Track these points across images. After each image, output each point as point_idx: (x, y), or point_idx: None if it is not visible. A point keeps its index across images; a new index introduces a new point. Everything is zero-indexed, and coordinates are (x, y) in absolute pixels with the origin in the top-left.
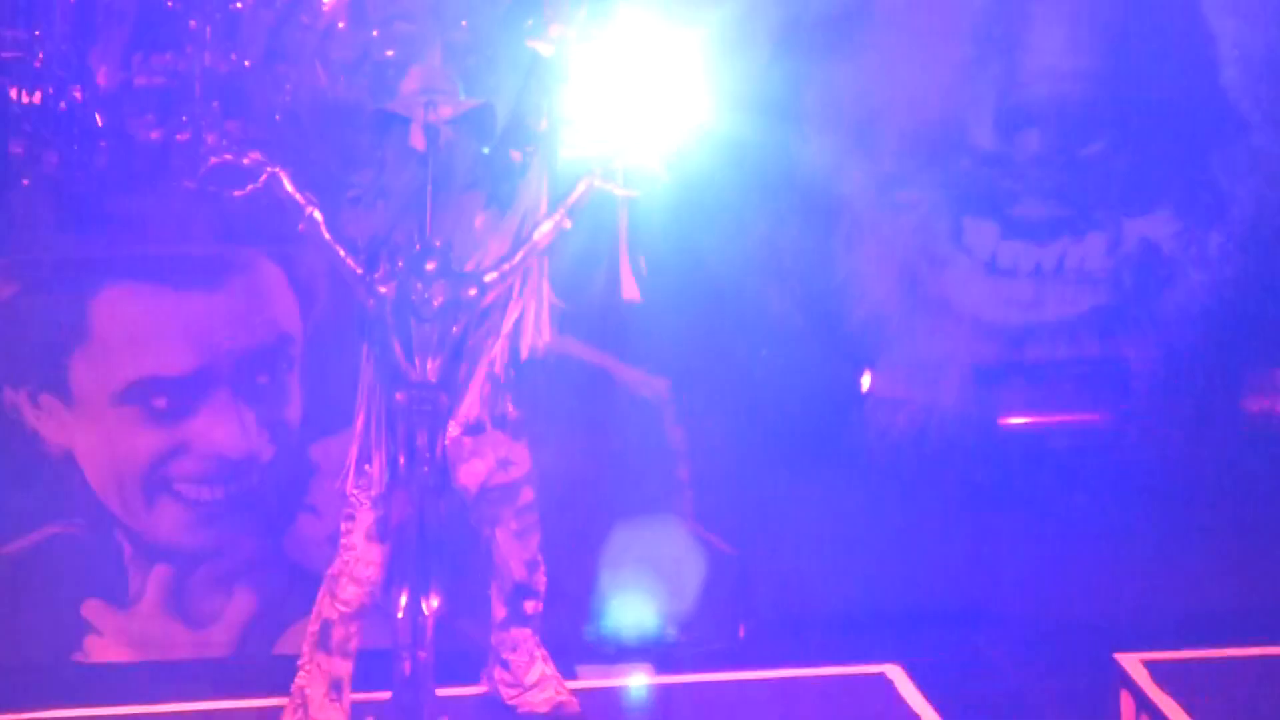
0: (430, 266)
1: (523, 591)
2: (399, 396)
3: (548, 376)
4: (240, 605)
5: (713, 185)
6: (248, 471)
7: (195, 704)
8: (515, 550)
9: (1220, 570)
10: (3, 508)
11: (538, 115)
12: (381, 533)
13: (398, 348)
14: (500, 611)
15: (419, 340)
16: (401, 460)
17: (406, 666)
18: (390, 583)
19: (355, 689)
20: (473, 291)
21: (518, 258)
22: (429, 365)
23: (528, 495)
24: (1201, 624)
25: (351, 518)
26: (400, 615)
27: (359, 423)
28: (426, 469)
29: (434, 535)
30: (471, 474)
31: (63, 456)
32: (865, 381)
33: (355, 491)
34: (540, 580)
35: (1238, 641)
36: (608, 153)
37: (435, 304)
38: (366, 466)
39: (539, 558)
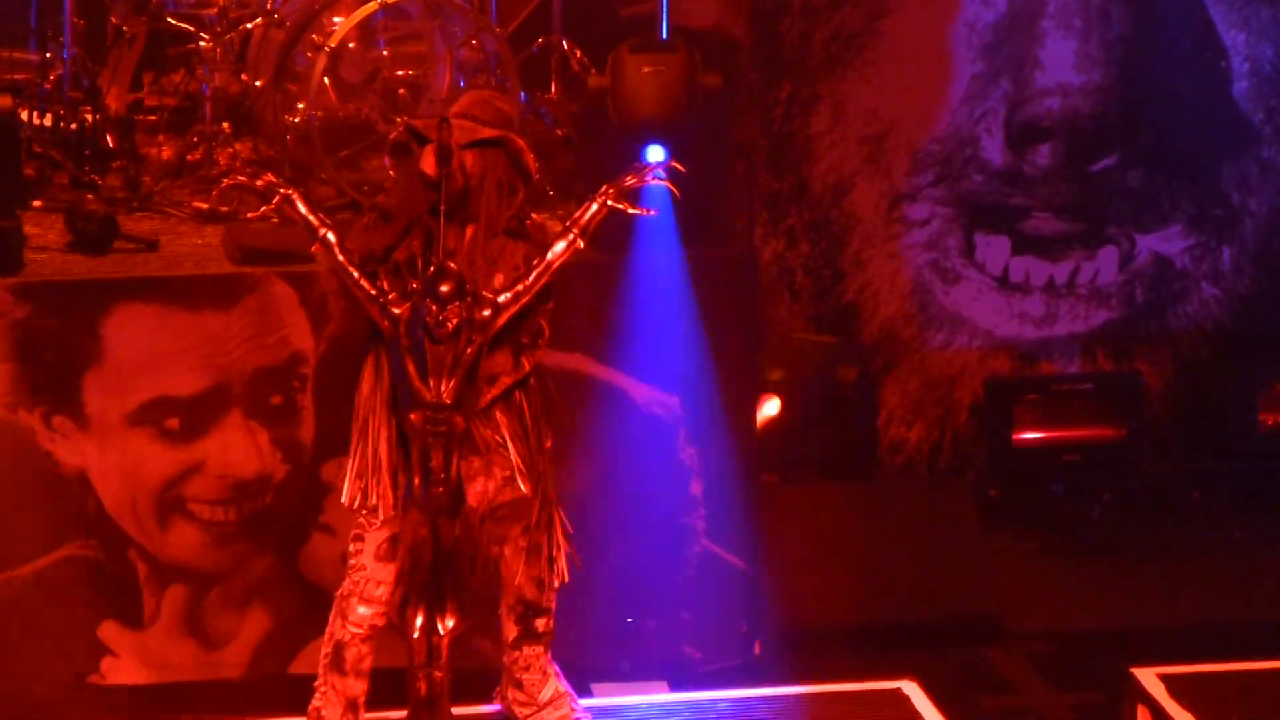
0: (445, 288)
1: (534, 610)
2: (414, 418)
3: (559, 394)
4: (255, 625)
5: (723, 202)
6: (261, 491)
7: None
8: (524, 568)
9: (1236, 583)
10: (17, 529)
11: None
12: (391, 552)
13: (412, 369)
14: (512, 631)
15: (433, 361)
16: (416, 481)
17: (423, 686)
18: (405, 603)
19: (371, 708)
20: (487, 313)
21: (532, 278)
22: (444, 386)
23: (536, 512)
24: (1218, 637)
25: (360, 538)
26: (415, 636)
27: (358, 443)
28: (441, 490)
29: (448, 555)
30: (479, 492)
31: (77, 478)
32: (769, 408)
33: (362, 512)
34: (551, 598)
35: (1254, 655)
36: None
37: (450, 325)
38: (373, 485)
39: (549, 575)
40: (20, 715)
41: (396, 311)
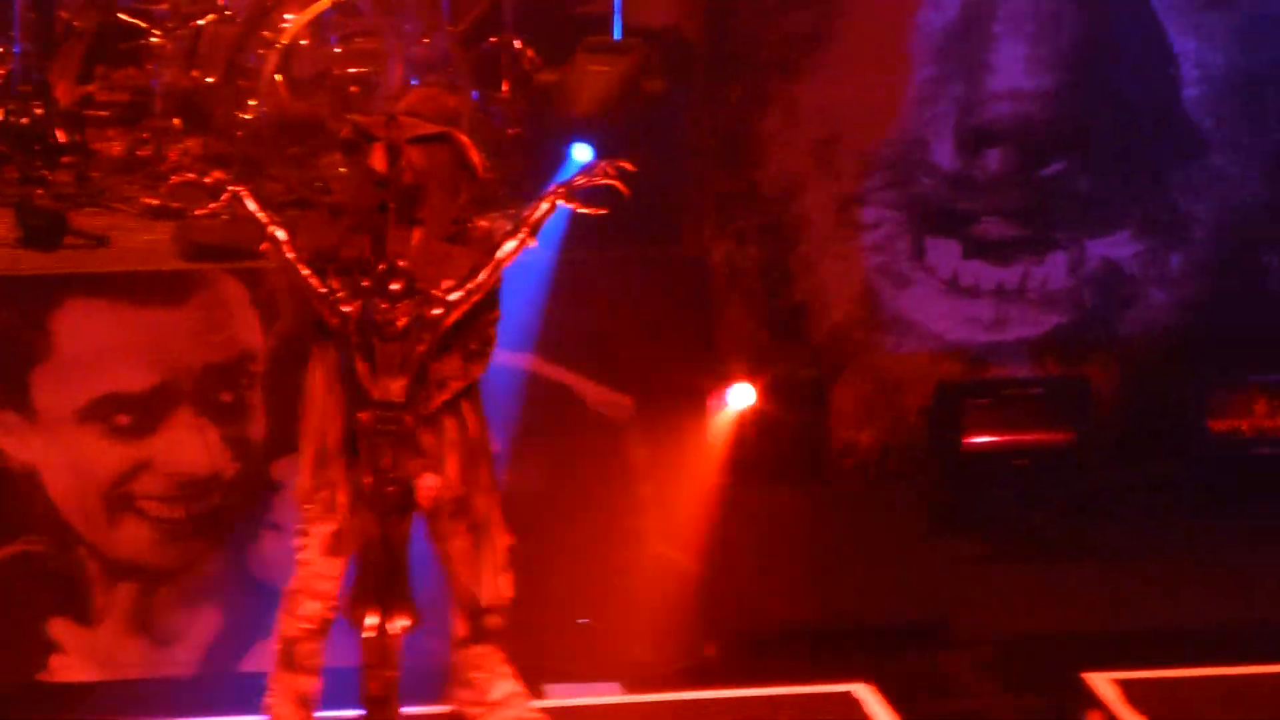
0: (395, 286)
1: (483, 609)
2: (363, 417)
3: (511, 394)
4: (205, 623)
5: (672, 204)
6: (211, 489)
7: None
8: (472, 567)
9: (1186, 588)
10: None
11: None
12: (337, 546)
13: (362, 367)
14: (462, 629)
15: (383, 360)
16: (366, 481)
17: (375, 687)
18: (357, 603)
19: (323, 707)
20: (437, 311)
21: (482, 276)
22: (393, 385)
23: (481, 515)
24: (1169, 642)
25: (305, 533)
26: (368, 636)
27: (307, 440)
28: (391, 489)
29: (399, 554)
30: (425, 490)
31: (25, 474)
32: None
33: (307, 506)
34: (501, 596)
35: (1206, 660)
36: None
37: (400, 324)
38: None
39: (496, 577)
40: None
41: (346, 309)
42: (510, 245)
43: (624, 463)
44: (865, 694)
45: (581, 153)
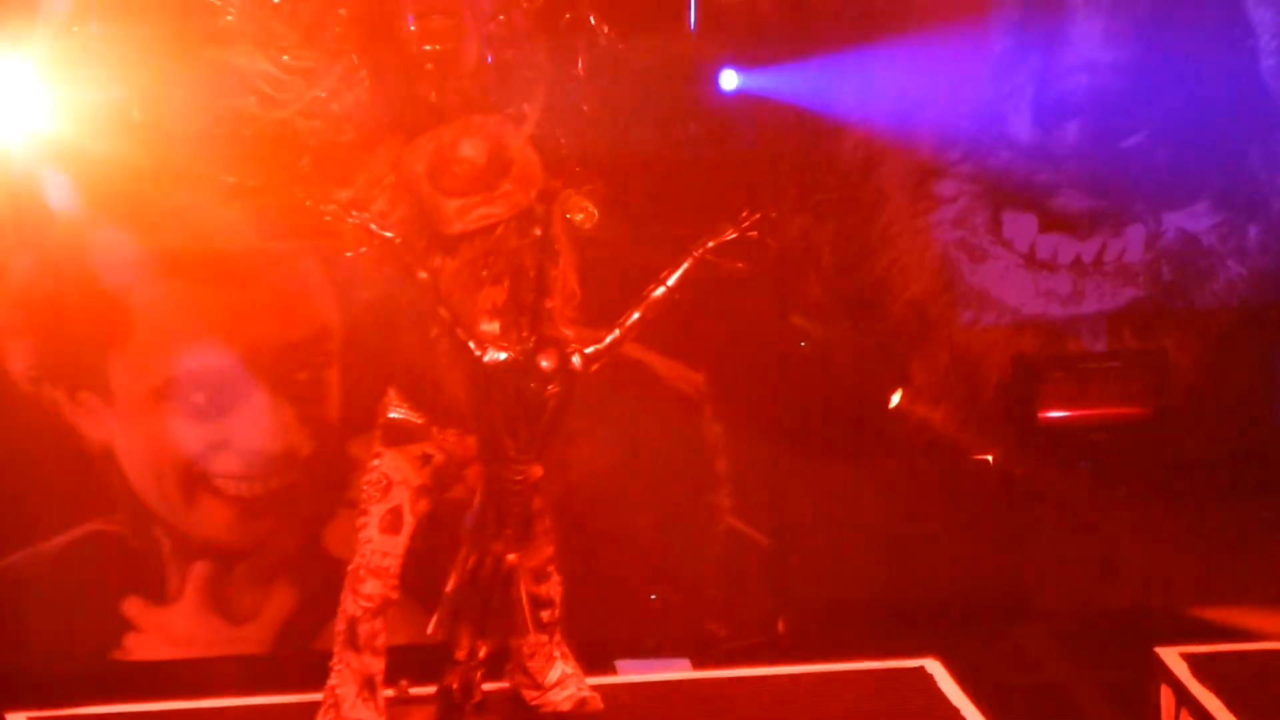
0: (546, 363)
1: (538, 602)
2: (496, 469)
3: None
4: (279, 601)
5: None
6: (287, 467)
7: (234, 700)
8: (528, 563)
9: (1261, 563)
10: (42, 504)
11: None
12: (394, 524)
13: (500, 422)
14: (518, 618)
15: (524, 407)
16: (488, 517)
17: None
18: (455, 619)
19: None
20: (578, 360)
21: (619, 332)
22: (527, 433)
23: (536, 503)
24: (1243, 617)
25: (364, 511)
26: (460, 655)
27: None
28: (511, 531)
29: (500, 586)
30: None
31: (102, 453)
32: (894, 399)
33: (365, 485)
34: (554, 589)
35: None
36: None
37: (547, 395)
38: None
39: (551, 568)
40: (43, 690)
41: (488, 361)
42: (657, 296)
43: (697, 438)
44: (937, 669)
45: (729, 80)
